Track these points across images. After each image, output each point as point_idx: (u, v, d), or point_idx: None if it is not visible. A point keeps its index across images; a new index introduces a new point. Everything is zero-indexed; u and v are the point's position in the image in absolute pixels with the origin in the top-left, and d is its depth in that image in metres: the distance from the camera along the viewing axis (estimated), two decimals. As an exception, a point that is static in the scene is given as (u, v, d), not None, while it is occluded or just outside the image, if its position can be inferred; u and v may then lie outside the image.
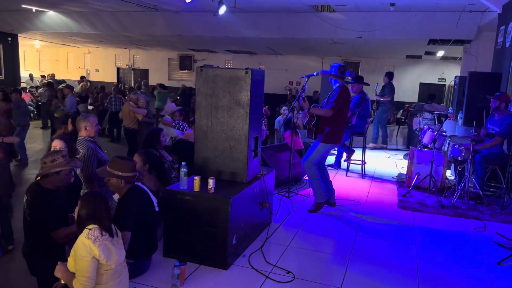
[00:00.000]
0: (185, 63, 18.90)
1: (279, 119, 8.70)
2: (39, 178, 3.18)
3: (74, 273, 2.51)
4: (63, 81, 17.19)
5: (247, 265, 3.62)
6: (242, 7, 9.69)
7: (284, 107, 8.75)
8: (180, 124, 6.78)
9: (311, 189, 5.66)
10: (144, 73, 20.09)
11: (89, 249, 2.45)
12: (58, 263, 2.60)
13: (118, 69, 20.85)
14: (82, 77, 18.01)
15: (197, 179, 3.55)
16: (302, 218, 4.81)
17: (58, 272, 2.57)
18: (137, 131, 7.80)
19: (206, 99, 3.82)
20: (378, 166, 7.62)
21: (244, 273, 3.50)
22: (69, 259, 2.55)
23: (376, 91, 9.47)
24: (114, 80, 20.18)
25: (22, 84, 16.68)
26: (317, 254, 3.95)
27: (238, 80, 3.69)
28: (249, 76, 3.65)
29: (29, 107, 12.76)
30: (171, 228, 3.64)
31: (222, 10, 8.81)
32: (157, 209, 3.49)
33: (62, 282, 2.57)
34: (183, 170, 3.60)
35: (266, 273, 3.50)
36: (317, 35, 11.04)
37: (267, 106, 8.25)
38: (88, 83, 17.09)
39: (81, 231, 2.55)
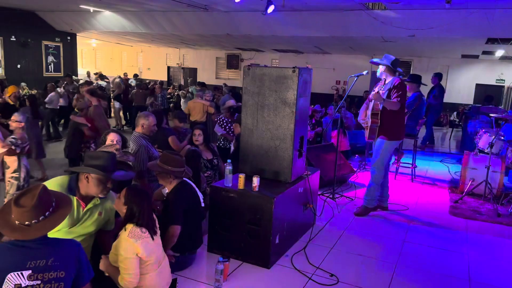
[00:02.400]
0: (232, 62, 19.12)
1: (326, 119, 8.58)
2: None
3: (116, 267, 2.59)
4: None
5: (289, 265, 3.60)
6: (291, 6, 9.65)
7: (330, 107, 8.62)
8: (223, 120, 6.84)
9: (356, 191, 5.55)
10: (193, 72, 20.55)
11: (132, 248, 2.52)
12: (102, 256, 2.70)
13: (168, 67, 21.47)
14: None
15: (241, 177, 3.58)
16: (347, 221, 4.72)
17: (102, 265, 2.66)
18: (205, 124, 8.06)
19: (253, 98, 3.83)
20: (429, 169, 7.32)
21: (286, 273, 3.48)
22: (111, 253, 2.64)
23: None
24: (165, 78, 20.79)
25: (81, 80, 17.58)
26: (362, 258, 3.85)
27: (285, 79, 3.67)
28: (296, 75, 3.62)
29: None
30: (215, 224, 3.70)
31: (271, 9, 8.81)
32: (203, 204, 3.56)
33: (107, 274, 2.67)
34: (228, 168, 3.64)
35: (308, 274, 3.46)
36: (367, 33, 10.77)
37: (312, 106, 8.12)
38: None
39: (123, 225, 2.62)
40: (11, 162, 4.58)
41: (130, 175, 3.02)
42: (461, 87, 14.62)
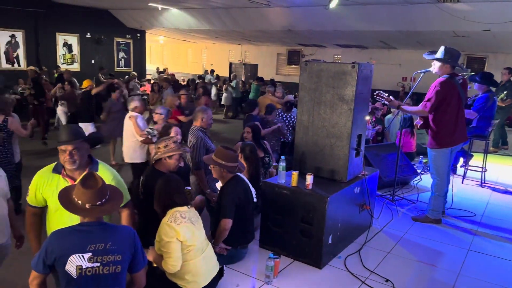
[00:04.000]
0: (293, 58, 19.00)
1: (389, 117, 8.23)
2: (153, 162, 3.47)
3: (161, 255, 2.68)
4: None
5: (342, 267, 3.50)
6: (355, 0, 9.36)
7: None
8: (279, 114, 6.83)
9: (419, 194, 5.28)
10: (254, 68, 20.72)
11: (172, 232, 2.61)
12: (150, 247, 2.78)
13: (230, 64, 21.85)
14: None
15: (295, 174, 3.53)
16: (406, 225, 4.49)
17: (149, 255, 2.74)
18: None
19: (309, 94, 3.75)
20: (501, 174, 6.75)
21: (339, 275, 3.39)
22: (155, 241, 2.73)
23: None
24: (227, 74, 21.18)
25: (148, 76, 18.44)
26: (421, 265, 3.64)
27: (343, 75, 3.55)
28: (355, 70, 3.49)
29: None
30: (267, 220, 3.69)
31: (334, 3, 8.62)
32: (255, 200, 3.57)
33: (154, 265, 2.75)
34: (282, 164, 3.61)
35: (362, 278, 3.34)
36: (437, 28, 10.17)
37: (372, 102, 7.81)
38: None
39: (164, 213, 2.73)
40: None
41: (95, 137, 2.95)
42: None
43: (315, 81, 3.70)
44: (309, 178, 3.45)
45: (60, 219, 2.62)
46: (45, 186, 2.59)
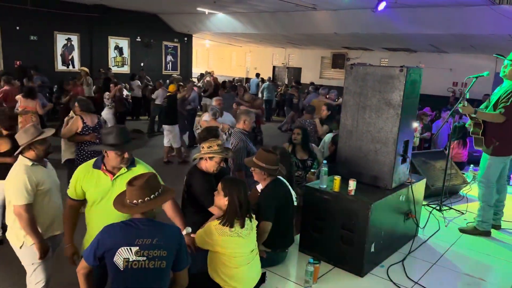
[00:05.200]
0: (337, 61, 18.74)
1: (438, 123, 7.92)
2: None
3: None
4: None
5: (384, 277, 3.40)
6: (404, 3, 9.10)
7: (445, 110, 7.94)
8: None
9: (468, 205, 5.03)
10: (297, 71, 20.66)
11: (211, 236, 2.66)
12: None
13: (274, 67, 21.91)
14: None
15: (337, 179, 3.47)
16: (454, 236, 4.28)
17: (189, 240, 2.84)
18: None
19: (354, 98, 3.68)
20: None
21: (381, 285, 3.29)
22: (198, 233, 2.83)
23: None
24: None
25: (193, 79, 18.90)
26: (470, 279, 3.46)
27: (390, 79, 3.45)
28: (404, 74, 3.38)
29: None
30: (307, 225, 3.65)
31: (382, 6, 8.43)
32: (295, 203, 3.54)
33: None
34: (324, 169, 3.56)
35: (405, 289, 3.23)
36: (492, 31, 9.69)
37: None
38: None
39: (228, 217, 2.71)
40: None
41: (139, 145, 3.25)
42: None
43: (361, 85, 3.62)
44: (352, 184, 3.38)
45: (99, 212, 2.81)
46: (84, 180, 2.79)
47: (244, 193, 2.77)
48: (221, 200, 2.78)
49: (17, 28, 13.27)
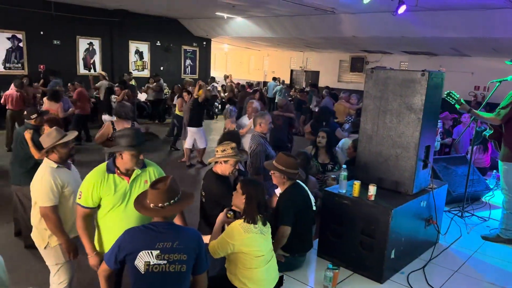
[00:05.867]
0: (356, 65, 18.57)
1: (459, 128, 7.78)
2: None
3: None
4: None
5: (405, 283, 3.35)
6: (424, 6, 8.98)
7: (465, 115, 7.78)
8: (349, 120, 6.81)
9: (491, 211, 4.93)
10: (315, 75, 20.56)
11: (234, 237, 2.64)
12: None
13: (291, 71, 21.87)
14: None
15: (357, 184, 3.44)
16: (477, 243, 4.19)
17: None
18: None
19: (374, 102, 3.65)
20: None
21: (401, 291, 3.25)
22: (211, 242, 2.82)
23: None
24: (288, 81, 21.25)
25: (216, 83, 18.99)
26: (491, 286, 3.38)
27: (411, 83, 3.41)
28: (425, 78, 3.34)
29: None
30: (326, 230, 3.62)
31: (402, 9, 8.34)
32: (314, 208, 3.53)
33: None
34: (343, 173, 3.54)
35: (426, 296, 3.17)
36: (516, 34, 9.46)
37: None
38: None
39: (246, 215, 2.73)
40: None
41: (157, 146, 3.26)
42: None
43: (381, 89, 3.59)
44: (372, 189, 3.34)
45: (118, 216, 2.82)
46: (102, 186, 2.77)
47: (261, 193, 2.78)
48: (239, 198, 2.79)
49: (41, 33, 13.62)
